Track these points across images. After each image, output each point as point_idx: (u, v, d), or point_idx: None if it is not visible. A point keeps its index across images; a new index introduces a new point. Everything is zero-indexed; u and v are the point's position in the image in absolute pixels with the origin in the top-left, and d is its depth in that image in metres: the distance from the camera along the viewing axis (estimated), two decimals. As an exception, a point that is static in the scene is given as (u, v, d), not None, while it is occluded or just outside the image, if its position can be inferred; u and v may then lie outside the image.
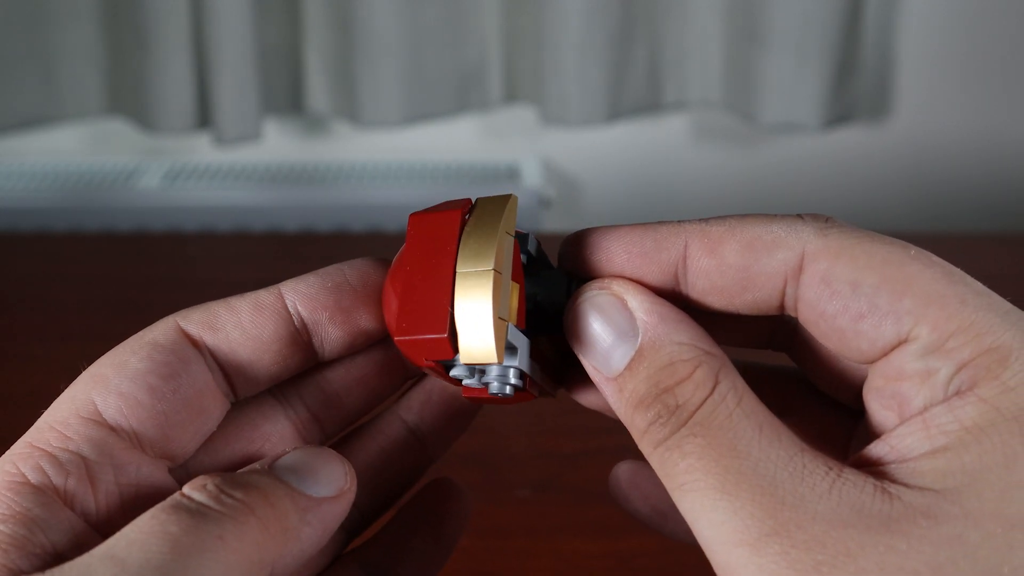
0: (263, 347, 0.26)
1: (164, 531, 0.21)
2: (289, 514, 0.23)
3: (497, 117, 1.35)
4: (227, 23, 1.17)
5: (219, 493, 0.22)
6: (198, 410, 0.26)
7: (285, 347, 0.27)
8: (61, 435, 0.24)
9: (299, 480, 0.24)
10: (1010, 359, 0.22)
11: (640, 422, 0.24)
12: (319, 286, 0.27)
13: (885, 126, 1.37)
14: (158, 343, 0.25)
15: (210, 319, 0.26)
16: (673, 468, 0.23)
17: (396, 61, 1.22)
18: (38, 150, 1.35)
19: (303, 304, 0.27)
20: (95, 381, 0.25)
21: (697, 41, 1.27)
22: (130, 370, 0.25)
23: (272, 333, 0.26)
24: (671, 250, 0.26)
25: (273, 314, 0.26)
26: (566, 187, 1.38)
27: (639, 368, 0.24)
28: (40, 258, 0.82)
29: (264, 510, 0.23)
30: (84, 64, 1.24)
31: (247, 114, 1.21)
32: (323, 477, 0.24)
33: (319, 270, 0.27)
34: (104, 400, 0.24)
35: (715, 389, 0.23)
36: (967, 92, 1.35)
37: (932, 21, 1.32)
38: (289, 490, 0.24)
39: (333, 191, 1.27)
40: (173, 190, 1.26)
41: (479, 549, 0.46)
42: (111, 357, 0.25)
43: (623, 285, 0.25)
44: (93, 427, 0.24)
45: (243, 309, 0.26)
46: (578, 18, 1.20)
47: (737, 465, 0.22)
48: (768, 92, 1.23)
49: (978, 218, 1.39)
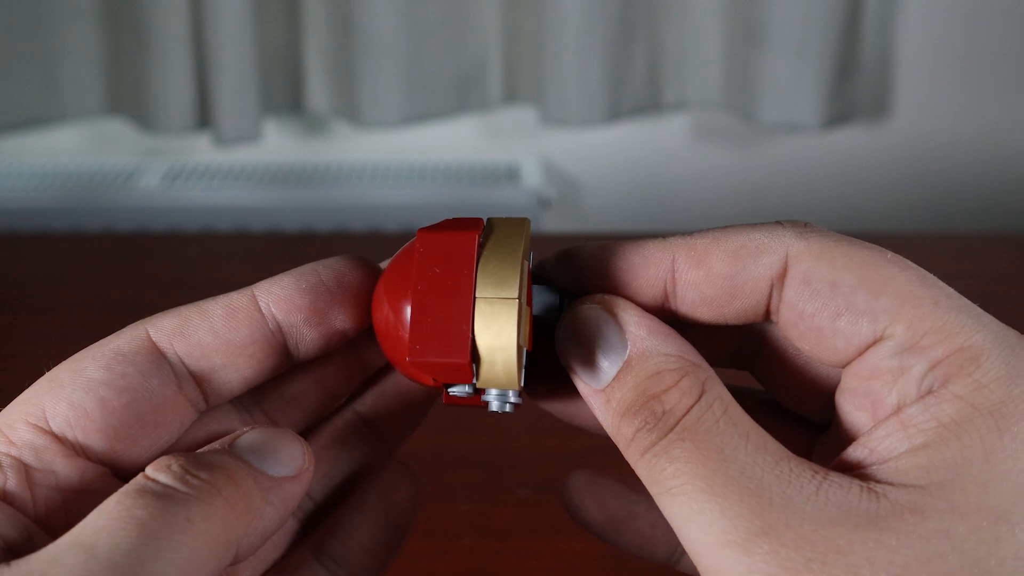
0: (236, 351, 0.26)
1: (131, 515, 0.21)
2: (253, 493, 0.23)
3: (497, 117, 1.35)
4: (227, 23, 1.17)
5: (184, 474, 0.22)
6: (153, 424, 0.25)
7: (259, 350, 0.26)
8: (5, 439, 0.24)
9: (260, 459, 0.24)
10: (982, 358, 0.23)
11: (627, 430, 0.24)
12: (293, 287, 0.26)
13: (885, 126, 1.37)
14: (120, 352, 0.25)
15: (181, 325, 0.26)
16: (660, 473, 0.23)
17: (396, 61, 1.22)
18: (38, 150, 1.35)
19: (277, 306, 0.26)
20: (50, 386, 0.25)
21: (697, 41, 1.27)
22: (85, 379, 0.25)
23: (246, 337, 0.26)
24: (659, 264, 0.26)
25: (247, 317, 0.26)
26: (566, 187, 1.38)
27: (627, 378, 0.25)
28: (40, 258, 0.82)
29: (229, 490, 0.23)
30: (84, 64, 1.25)
31: (247, 114, 1.21)
32: (283, 456, 0.24)
33: (293, 270, 0.27)
34: (53, 408, 0.24)
35: (702, 397, 0.24)
36: (967, 92, 1.35)
37: (932, 21, 1.32)
38: (251, 470, 0.24)
39: (333, 191, 1.27)
40: (173, 190, 1.26)
41: (479, 549, 0.46)
42: (72, 361, 0.25)
43: (614, 300, 0.26)
44: (38, 434, 0.24)
45: (215, 314, 0.26)
46: (578, 18, 1.20)
47: (725, 468, 0.22)
48: (768, 92, 1.23)
49: (978, 218, 1.39)
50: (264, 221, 1.26)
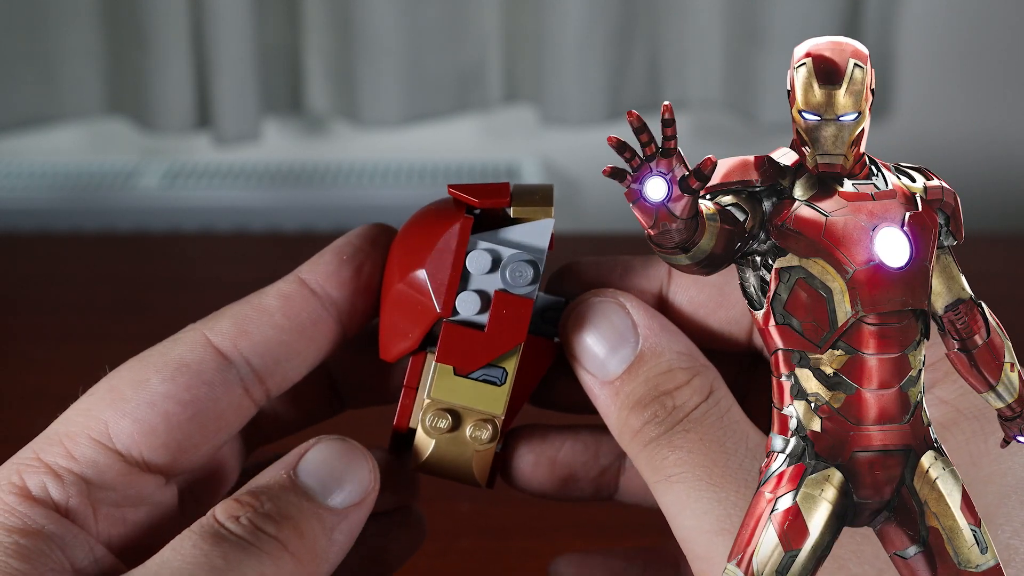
0: (303, 337, 0.26)
1: (210, 564, 0.22)
2: (318, 538, 0.23)
3: (497, 117, 1.35)
4: (227, 23, 1.17)
5: (254, 529, 0.23)
6: (215, 430, 0.25)
7: (319, 333, 0.26)
8: (67, 454, 0.24)
9: (323, 490, 0.24)
10: None
11: (635, 422, 0.24)
12: (336, 262, 0.27)
13: (885, 125, 1.37)
14: (184, 362, 0.25)
15: (242, 325, 0.25)
16: (662, 462, 0.24)
17: (396, 61, 1.22)
18: (38, 150, 1.35)
19: (328, 281, 0.26)
20: (112, 398, 0.24)
21: (697, 41, 1.27)
22: (150, 392, 0.24)
23: (306, 321, 0.26)
24: (659, 267, 0.27)
25: (303, 302, 0.26)
26: (566, 187, 1.38)
27: (639, 372, 0.25)
28: (40, 258, 0.82)
29: (296, 543, 0.23)
30: (84, 64, 1.24)
31: (247, 114, 1.21)
32: (348, 483, 0.24)
33: (327, 248, 0.27)
34: (117, 424, 0.24)
35: (710, 396, 0.24)
36: (967, 92, 1.35)
37: (932, 21, 1.32)
38: (316, 509, 0.24)
39: (333, 191, 1.27)
40: (173, 190, 1.26)
41: (479, 549, 0.46)
42: (133, 371, 0.25)
43: (624, 295, 0.26)
44: (101, 451, 0.24)
45: (272, 307, 0.26)
46: (578, 18, 1.20)
47: (724, 460, 0.23)
48: (768, 92, 1.23)
49: (978, 218, 1.39)
50: (264, 221, 1.26)
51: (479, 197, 0.26)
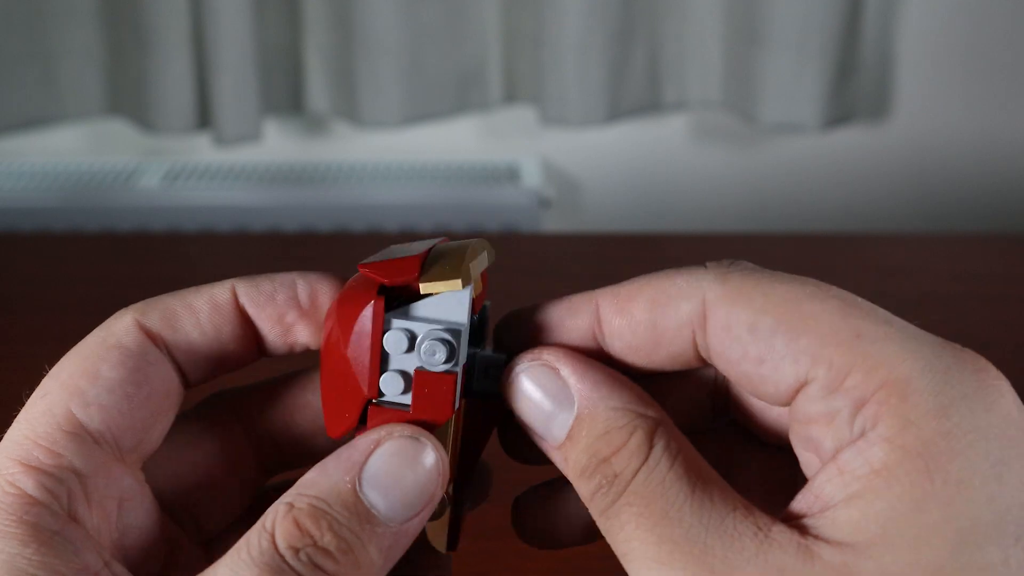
0: (221, 347, 0.27)
1: None
2: (374, 563, 0.23)
3: (497, 117, 1.35)
4: (227, 23, 1.17)
5: (313, 567, 0.22)
6: (166, 408, 0.26)
7: (239, 346, 0.27)
8: (50, 451, 0.24)
9: (389, 508, 0.24)
10: (908, 391, 0.22)
11: (585, 490, 0.24)
12: (268, 297, 0.27)
13: (885, 126, 1.37)
14: (126, 347, 0.25)
15: (169, 319, 0.26)
16: (616, 536, 0.23)
17: (396, 61, 1.22)
18: (38, 150, 1.35)
19: (252, 311, 0.27)
20: (70, 393, 0.24)
21: (697, 41, 1.27)
22: (105, 380, 0.25)
23: (229, 334, 0.27)
24: (584, 315, 0.26)
25: (230, 315, 0.27)
26: (566, 187, 1.38)
27: (579, 437, 0.24)
28: (40, 258, 0.82)
29: (352, 574, 0.23)
30: (84, 64, 1.24)
31: (247, 114, 1.21)
32: (413, 494, 0.24)
33: (275, 277, 0.27)
34: (85, 413, 0.24)
35: (650, 454, 0.23)
36: (967, 92, 1.35)
37: (932, 21, 1.32)
38: (376, 530, 0.23)
39: (333, 191, 1.27)
40: (173, 190, 1.26)
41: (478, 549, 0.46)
42: (78, 364, 0.25)
43: (554, 353, 0.26)
44: (80, 441, 0.24)
45: (201, 309, 0.26)
46: (578, 18, 1.20)
47: (670, 533, 0.22)
48: (768, 92, 1.23)
49: (978, 218, 1.39)
50: (264, 221, 1.26)
51: (387, 276, 0.25)
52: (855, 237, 0.91)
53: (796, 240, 0.89)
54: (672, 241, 0.86)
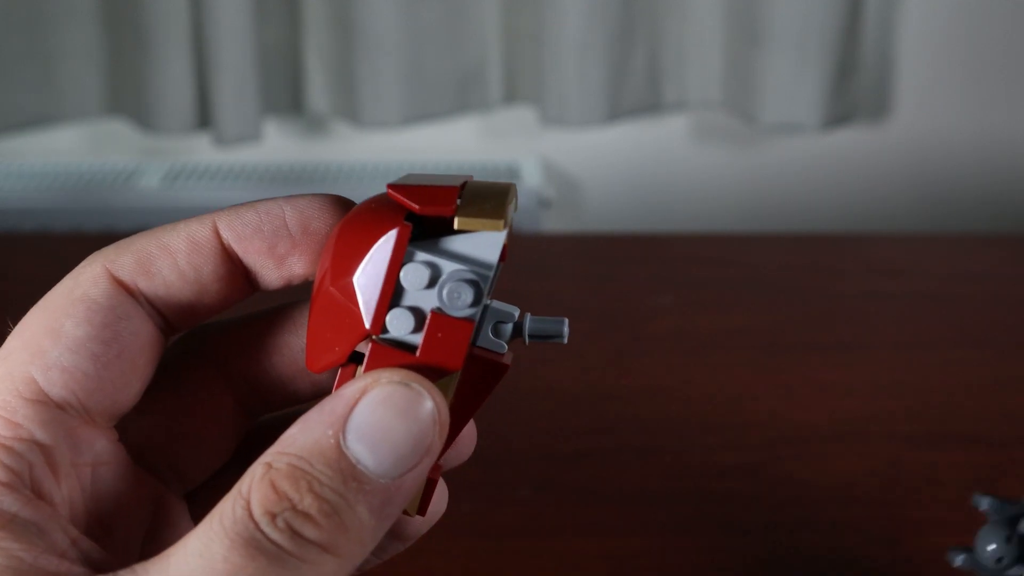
0: (203, 289, 0.24)
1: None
2: (365, 526, 0.21)
3: (497, 117, 1.35)
4: (227, 23, 1.17)
5: (294, 535, 0.20)
6: (141, 364, 0.24)
7: (225, 286, 0.24)
8: (9, 422, 0.22)
9: (378, 462, 0.21)
10: None
11: None
12: (255, 227, 0.24)
13: (885, 126, 1.37)
14: (93, 300, 0.23)
15: (144, 264, 0.24)
16: None
17: (396, 61, 1.22)
18: (38, 150, 1.35)
19: (238, 245, 0.24)
20: (30, 353, 0.22)
21: (697, 41, 1.27)
22: (69, 338, 0.22)
23: (211, 274, 0.24)
24: None
25: (211, 253, 0.24)
26: (566, 187, 1.38)
27: None
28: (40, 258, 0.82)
29: (341, 542, 0.21)
30: (84, 64, 1.25)
31: (247, 114, 1.21)
32: (403, 443, 0.21)
33: (258, 204, 0.25)
34: (46, 377, 0.22)
35: None
36: (967, 92, 1.35)
37: (932, 21, 1.32)
38: (365, 488, 0.21)
39: (333, 191, 1.27)
40: (173, 190, 1.27)
41: (479, 549, 0.46)
42: (40, 320, 0.23)
43: None
44: (41, 408, 0.22)
45: (179, 249, 0.24)
46: (578, 18, 1.20)
47: None
48: (768, 92, 1.23)
49: (978, 218, 1.39)
50: (264, 221, 1.26)
51: (420, 203, 0.23)
52: (855, 237, 0.91)
53: (796, 240, 0.89)
54: (672, 241, 0.86)
